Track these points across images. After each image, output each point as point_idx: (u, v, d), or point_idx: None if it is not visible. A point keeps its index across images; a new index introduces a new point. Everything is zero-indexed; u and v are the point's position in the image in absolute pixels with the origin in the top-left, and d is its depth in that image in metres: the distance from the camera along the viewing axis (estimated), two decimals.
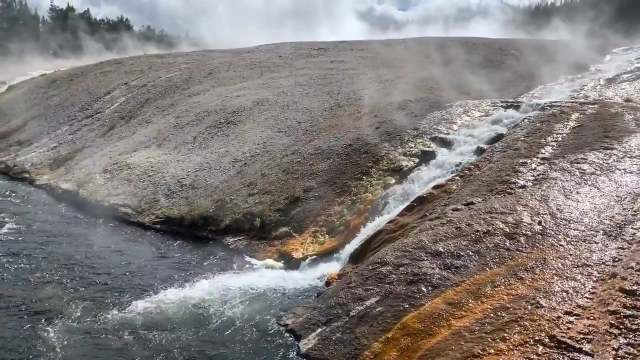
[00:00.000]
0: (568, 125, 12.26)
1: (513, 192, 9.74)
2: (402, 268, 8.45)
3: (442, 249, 8.54)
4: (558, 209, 8.77)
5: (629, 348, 5.94)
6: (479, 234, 8.61)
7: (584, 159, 10.32)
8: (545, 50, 25.44)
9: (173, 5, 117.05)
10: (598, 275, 7.11)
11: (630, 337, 6.07)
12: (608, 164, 10.01)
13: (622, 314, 6.38)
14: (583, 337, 6.22)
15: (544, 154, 10.97)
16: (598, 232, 8.02)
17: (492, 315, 6.92)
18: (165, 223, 13.93)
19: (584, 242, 7.86)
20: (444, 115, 14.89)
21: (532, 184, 9.86)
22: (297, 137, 16.09)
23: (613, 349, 5.97)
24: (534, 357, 6.15)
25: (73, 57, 51.58)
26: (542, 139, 11.73)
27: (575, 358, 5.99)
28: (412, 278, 8.14)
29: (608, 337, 6.15)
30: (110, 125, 22.44)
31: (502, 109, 14.63)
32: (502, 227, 8.64)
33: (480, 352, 6.45)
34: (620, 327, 6.23)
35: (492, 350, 6.41)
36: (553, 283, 7.14)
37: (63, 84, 29.86)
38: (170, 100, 23.11)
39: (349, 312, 8.09)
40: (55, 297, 9.56)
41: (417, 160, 13.02)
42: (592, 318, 6.45)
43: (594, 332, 6.26)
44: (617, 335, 6.13)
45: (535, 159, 10.83)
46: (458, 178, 11.34)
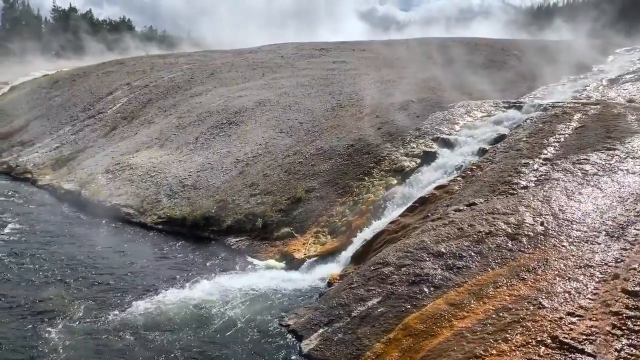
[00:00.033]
0: (570, 126, 12.24)
1: (515, 192, 9.73)
2: (404, 269, 8.45)
3: (444, 250, 8.54)
4: (560, 210, 8.76)
5: (632, 349, 5.93)
6: (481, 235, 8.60)
7: (587, 160, 10.30)
8: (548, 51, 25.40)
9: (175, 6, 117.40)
10: (600, 276, 7.10)
11: (633, 338, 6.06)
12: (610, 165, 9.99)
13: (624, 315, 6.37)
14: (585, 338, 6.21)
15: (546, 155, 10.96)
16: (600, 233, 8.00)
17: (494, 316, 6.91)
18: (167, 223, 13.96)
19: (586, 243, 7.85)
20: (446, 116, 14.88)
21: (534, 185, 9.85)
22: (299, 137, 16.09)
23: (615, 350, 5.96)
24: (536, 358, 6.14)
25: (75, 57, 51.63)
26: (544, 140, 11.71)
27: (578, 359, 5.98)
28: (414, 279, 8.14)
29: (610, 338, 6.14)
30: (113, 126, 22.48)
31: (504, 110, 14.60)
32: (504, 227, 8.63)
33: (482, 352, 6.44)
34: (623, 328, 6.22)
35: (494, 351, 6.40)
36: (555, 284, 7.13)
37: (65, 85, 29.92)
38: (173, 101, 23.13)
39: (351, 312, 8.09)
40: (58, 297, 9.60)
41: (419, 161, 13.01)
42: (594, 319, 6.44)
43: (596, 333, 6.25)
44: (619, 337, 6.12)
45: (538, 160, 10.82)
46: (460, 179, 11.33)
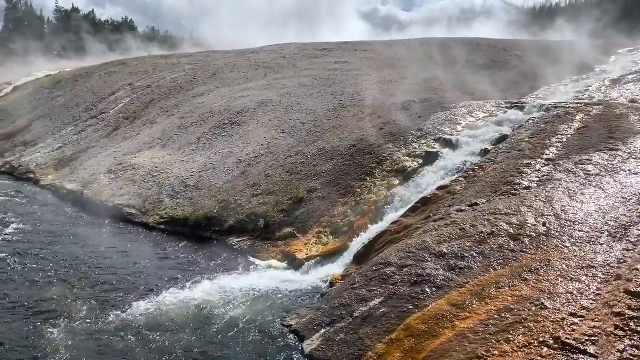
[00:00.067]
0: (573, 127, 12.23)
1: (517, 193, 9.72)
2: (406, 269, 8.44)
3: (446, 250, 8.53)
4: (563, 210, 8.74)
5: (634, 350, 5.92)
6: (483, 235, 8.60)
7: (589, 160, 10.29)
8: (550, 51, 25.33)
9: (177, 7, 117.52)
10: (603, 277, 7.09)
11: (636, 339, 6.05)
12: (613, 165, 9.97)
13: (627, 316, 6.35)
14: (588, 338, 6.20)
15: (549, 155, 10.95)
16: (603, 233, 7.99)
17: (496, 317, 6.90)
18: (170, 224, 13.97)
19: (589, 243, 7.83)
20: (448, 116, 14.86)
21: (536, 185, 9.84)
22: (301, 137, 16.10)
23: (618, 351, 5.95)
24: (539, 358, 6.13)
25: (77, 58, 51.68)
26: (546, 140, 11.70)
27: None
28: (416, 279, 8.13)
29: (613, 339, 6.13)
30: (115, 126, 22.54)
31: (506, 110, 14.58)
32: (506, 228, 8.62)
33: (484, 353, 6.43)
34: (625, 329, 6.20)
35: (496, 352, 6.40)
36: (557, 284, 7.12)
37: (68, 85, 30.01)
38: (175, 101, 23.17)
39: (353, 313, 8.09)
40: (61, 297, 9.62)
41: (421, 161, 13.01)
42: (596, 320, 6.43)
43: (599, 334, 6.24)
44: (622, 337, 6.11)
45: (540, 160, 10.81)
46: (462, 179, 11.33)
